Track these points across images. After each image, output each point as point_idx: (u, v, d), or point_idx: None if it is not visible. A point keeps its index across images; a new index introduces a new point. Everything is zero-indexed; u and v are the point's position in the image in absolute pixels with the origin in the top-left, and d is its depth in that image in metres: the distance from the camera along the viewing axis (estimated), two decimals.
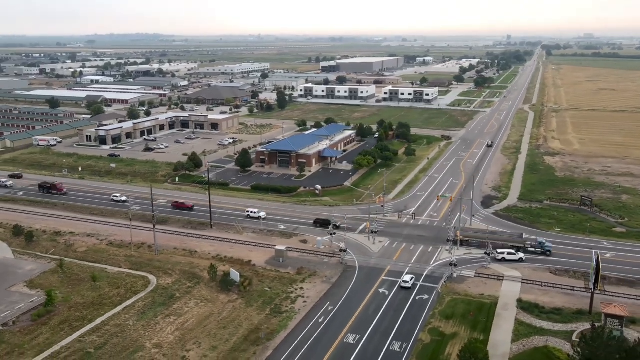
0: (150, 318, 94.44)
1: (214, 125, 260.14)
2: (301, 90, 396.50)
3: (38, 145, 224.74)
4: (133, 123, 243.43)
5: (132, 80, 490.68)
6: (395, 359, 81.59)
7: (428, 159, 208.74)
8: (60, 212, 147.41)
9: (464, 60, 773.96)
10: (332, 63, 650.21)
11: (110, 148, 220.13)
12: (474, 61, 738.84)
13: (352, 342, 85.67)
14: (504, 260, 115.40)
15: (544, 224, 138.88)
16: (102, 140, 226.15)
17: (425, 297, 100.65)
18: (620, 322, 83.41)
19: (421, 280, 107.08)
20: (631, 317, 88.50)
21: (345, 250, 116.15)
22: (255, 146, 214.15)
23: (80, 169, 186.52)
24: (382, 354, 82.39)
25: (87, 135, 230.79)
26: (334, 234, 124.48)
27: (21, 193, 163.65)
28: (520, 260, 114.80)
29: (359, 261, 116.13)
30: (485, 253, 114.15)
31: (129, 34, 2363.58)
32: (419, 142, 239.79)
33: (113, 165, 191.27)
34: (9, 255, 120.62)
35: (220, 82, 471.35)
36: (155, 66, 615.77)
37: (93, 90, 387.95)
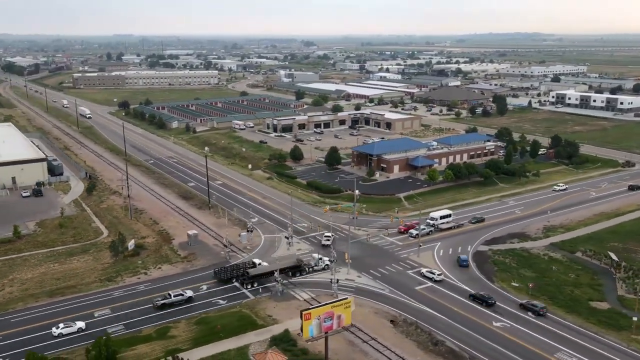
0: (47, 260, 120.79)
1: (388, 125, 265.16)
2: (553, 97, 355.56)
3: (233, 128, 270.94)
4: (308, 116, 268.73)
5: (409, 78, 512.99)
6: (84, 339, 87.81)
7: (533, 185, 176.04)
8: (144, 179, 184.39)
9: None
10: None
11: (275, 136, 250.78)
12: None
13: (96, 316, 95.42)
14: None
15: (515, 276, 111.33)
16: (275, 129, 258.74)
17: (223, 302, 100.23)
18: None
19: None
20: None
21: (226, 246, 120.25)
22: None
23: (206, 148, 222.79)
24: (82, 333, 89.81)
25: (267, 123, 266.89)
26: (252, 230, 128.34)
27: (152, 161, 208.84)
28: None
29: (243, 258, 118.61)
30: (276, 280, 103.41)
31: (506, 33, 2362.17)
32: (585, 166, 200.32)
33: (244, 149, 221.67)
34: (67, 201, 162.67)
35: (496, 84, 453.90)
36: (456, 65, 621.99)
37: (342, 85, 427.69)
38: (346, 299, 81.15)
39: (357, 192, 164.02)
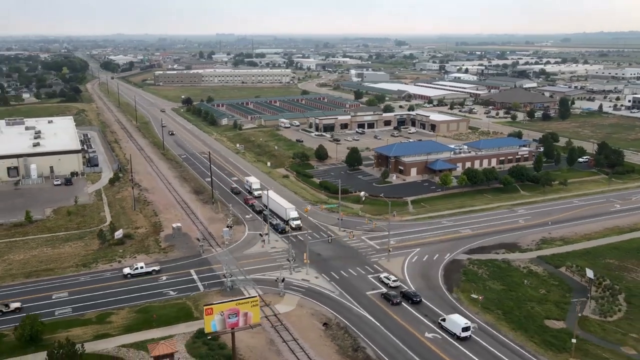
0: (44, 244, 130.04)
1: (433, 127, 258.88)
2: (629, 102, 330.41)
3: (278, 126, 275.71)
4: (351, 116, 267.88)
5: (485, 79, 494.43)
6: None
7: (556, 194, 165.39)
8: (168, 173, 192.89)
9: None
10: None
11: (315, 135, 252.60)
12: None
13: (54, 298, 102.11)
14: None
15: (480, 287, 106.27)
16: (317, 128, 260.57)
17: (173, 294, 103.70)
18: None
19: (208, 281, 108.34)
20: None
21: (199, 240, 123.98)
22: None
23: (238, 145, 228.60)
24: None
25: (310, 122, 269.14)
26: (232, 226, 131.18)
27: (184, 155, 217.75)
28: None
29: (215, 253, 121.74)
30: (224, 275, 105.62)
31: (619, 32, 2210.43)
32: (629, 176, 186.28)
33: (277, 147, 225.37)
34: (91, 190, 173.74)
35: (576, 87, 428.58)
36: (540, 66, 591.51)
37: (407, 86, 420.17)
38: (254, 297, 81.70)
39: (363, 193, 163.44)
